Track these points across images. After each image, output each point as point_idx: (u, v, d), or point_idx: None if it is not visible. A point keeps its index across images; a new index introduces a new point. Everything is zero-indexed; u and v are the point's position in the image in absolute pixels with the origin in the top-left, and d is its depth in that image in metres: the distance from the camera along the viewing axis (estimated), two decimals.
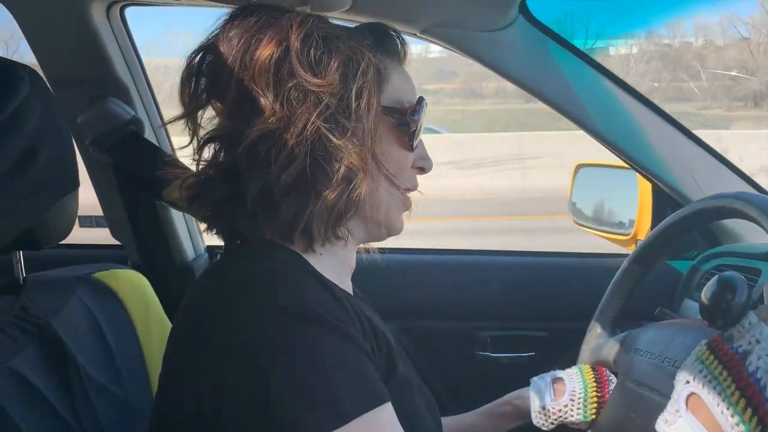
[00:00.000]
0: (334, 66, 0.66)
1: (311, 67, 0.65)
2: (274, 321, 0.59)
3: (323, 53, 0.66)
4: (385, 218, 0.75)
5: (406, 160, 0.75)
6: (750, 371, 0.58)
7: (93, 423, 0.82)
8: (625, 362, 0.92)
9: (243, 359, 0.59)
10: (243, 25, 0.67)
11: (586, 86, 1.26)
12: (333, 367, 0.59)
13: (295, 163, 0.65)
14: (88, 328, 0.89)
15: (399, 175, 0.74)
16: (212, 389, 0.60)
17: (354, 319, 0.65)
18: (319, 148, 0.65)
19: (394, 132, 0.73)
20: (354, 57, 0.68)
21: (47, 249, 0.86)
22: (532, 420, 0.97)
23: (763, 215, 0.78)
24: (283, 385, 0.57)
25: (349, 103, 0.66)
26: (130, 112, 1.29)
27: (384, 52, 0.74)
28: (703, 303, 0.66)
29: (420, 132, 0.76)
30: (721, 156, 1.30)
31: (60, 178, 0.83)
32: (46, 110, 0.79)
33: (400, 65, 0.78)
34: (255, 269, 0.65)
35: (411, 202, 0.79)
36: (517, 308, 1.51)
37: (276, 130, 0.65)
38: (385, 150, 0.72)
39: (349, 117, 0.66)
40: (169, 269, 1.43)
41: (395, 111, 0.73)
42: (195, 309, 0.67)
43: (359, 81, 0.67)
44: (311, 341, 0.59)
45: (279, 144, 0.65)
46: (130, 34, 1.33)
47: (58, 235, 0.86)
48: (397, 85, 0.74)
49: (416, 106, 0.74)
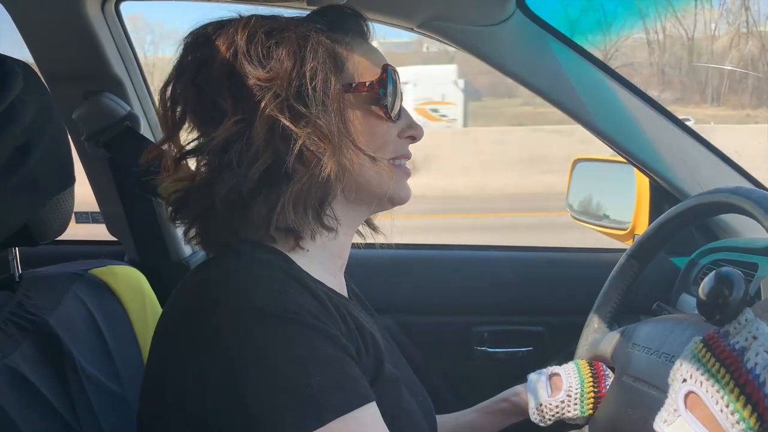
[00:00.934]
0: (282, 56, 0.67)
1: (260, 63, 0.67)
2: (250, 321, 0.60)
3: (270, 47, 0.68)
4: (381, 192, 0.75)
5: (389, 132, 0.75)
6: (748, 368, 0.58)
7: (90, 419, 0.82)
8: (622, 357, 0.92)
9: (222, 359, 0.59)
10: (197, 43, 0.70)
11: (584, 81, 1.25)
12: (312, 367, 0.59)
13: (260, 160, 0.66)
14: (85, 324, 0.88)
15: (383, 148, 0.74)
16: (193, 389, 0.60)
17: (336, 318, 0.65)
18: (283, 140, 0.66)
19: (370, 107, 0.73)
20: (301, 42, 0.68)
21: (43, 245, 0.86)
22: (530, 416, 0.97)
23: (760, 210, 0.78)
24: (262, 386, 0.57)
25: (305, 88, 0.67)
26: (125, 107, 1.29)
27: (341, 32, 0.74)
28: (701, 298, 0.66)
29: (398, 102, 0.75)
30: (718, 150, 1.30)
31: (55, 174, 0.83)
32: (41, 106, 0.78)
33: (364, 42, 0.78)
34: (233, 270, 0.65)
35: (407, 171, 0.79)
36: (514, 303, 1.51)
37: (239, 132, 0.66)
38: (361, 126, 0.72)
39: (308, 103, 0.67)
40: (165, 265, 1.43)
41: (360, 86, 0.72)
42: (175, 309, 0.68)
43: (310, 64, 0.67)
44: (289, 341, 0.59)
45: (244, 145, 0.66)
46: (125, 29, 1.32)
47: (54, 231, 0.86)
48: (361, 61, 0.74)
49: (383, 77, 0.73)
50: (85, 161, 1.37)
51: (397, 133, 0.76)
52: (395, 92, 0.74)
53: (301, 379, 0.58)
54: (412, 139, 0.79)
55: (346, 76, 0.72)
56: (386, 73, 0.74)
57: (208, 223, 0.71)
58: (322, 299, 0.65)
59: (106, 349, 0.90)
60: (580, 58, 1.24)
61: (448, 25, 1.18)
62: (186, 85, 0.70)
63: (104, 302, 0.93)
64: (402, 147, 0.77)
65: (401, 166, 0.78)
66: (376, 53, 0.77)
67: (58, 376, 0.81)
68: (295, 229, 0.69)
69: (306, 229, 0.70)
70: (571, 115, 1.26)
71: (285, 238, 0.70)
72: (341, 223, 0.73)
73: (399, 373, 0.76)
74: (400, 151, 0.77)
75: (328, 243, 0.75)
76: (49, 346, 0.81)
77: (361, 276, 0.92)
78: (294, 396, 0.57)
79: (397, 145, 0.76)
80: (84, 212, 1.57)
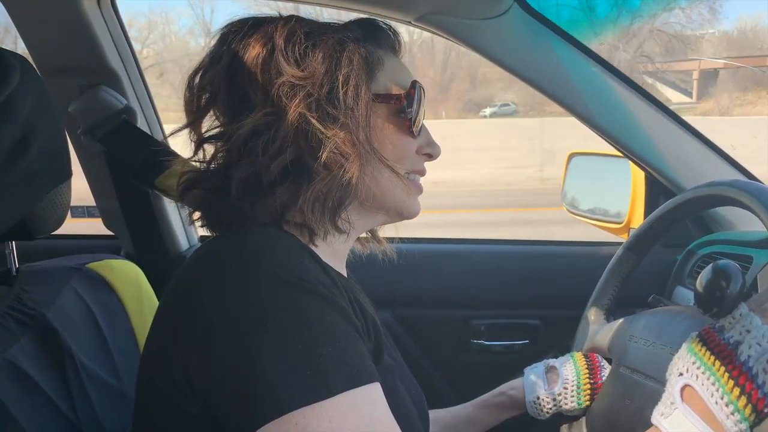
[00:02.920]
0: (318, 58, 0.69)
1: (296, 62, 0.69)
2: (263, 288, 0.59)
3: (307, 47, 0.69)
4: (393, 204, 0.76)
5: (408, 146, 0.76)
6: (742, 360, 0.59)
7: (89, 413, 0.82)
8: (619, 349, 0.93)
9: (229, 325, 0.58)
10: (233, 35, 0.72)
11: (580, 75, 1.25)
12: (323, 338, 0.58)
13: (284, 154, 0.67)
14: (83, 318, 0.88)
15: (401, 161, 0.75)
16: (197, 359, 0.60)
17: (345, 296, 0.66)
18: (308, 138, 0.68)
19: (393, 119, 0.75)
20: (338, 47, 0.70)
21: (40, 239, 0.86)
22: (527, 410, 0.97)
23: (756, 202, 0.78)
24: (270, 353, 0.56)
25: (336, 92, 0.68)
26: (122, 101, 1.28)
27: (374, 43, 0.76)
28: (698, 291, 0.67)
29: (420, 118, 0.77)
30: (713, 144, 1.31)
31: (52, 168, 0.83)
32: (38, 99, 0.78)
33: (394, 56, 0.80)
34: (245, 240, 0.65)
35: (420, 187, 0.80)
36: (511, 296, 1.51)
37: (266, 125, 0.68)
38: (383, 137, 0.74)
39: (338, 106, 0.68)
40: (162, 259, 1.43)
41: (389, 98, 0.74)
42: (183, 281, 0.68)
43: (344, 69, 0.69)
44: (301, 308, 0.59)
45: (269, 137, 0.67)
46: (121, 22, 1.31)
47: (50, 225, 0.86)
48: (391, 74, 0.76)
49: (411, 92, 0.75)
50: (81, 155, 1.36)
51: (416, 149, 0.78)
52: (419, 108, 0.76)
53: (311, 349, 0.57)
54: (429, 157, 0.81)
55: (377, 86, 0.74)
56: (414, 88, 0.76)
57: (217, 205, 0.71)
58: (333, 276, 0.66)
59: (104, 343, 0.90)
60: (577, 51, 1.24)
61: (445, 18, 1.17)
62: (218, 74, 0.72)
63: (102, 296, 0.93)
64: (418, 163, 0.79)
65: (415, 181, 0.80)
66: (406, 69, 0.80)
67: (56, 370, 0.81)
68: (310, 226, 0.70)
69: (320, 228, 0.71)
70: (567, 109, 1.26)
71: (300, 233, 0.71)
72: (353, 227, 0.74)
73: (395, 364, 0.76)
74: (416, 166, 0.79)
75: (336, 244, 0.76)
76: (47, 340, 0.81)
77: (359, 269, 0.92)
78: (303, 365, 0.56)
79: (414, 161, 0.78)
80: (80, 206, 1.56)
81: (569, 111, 1.27)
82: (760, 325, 0.60)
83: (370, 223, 0.80)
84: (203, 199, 0.73)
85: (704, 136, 1.31)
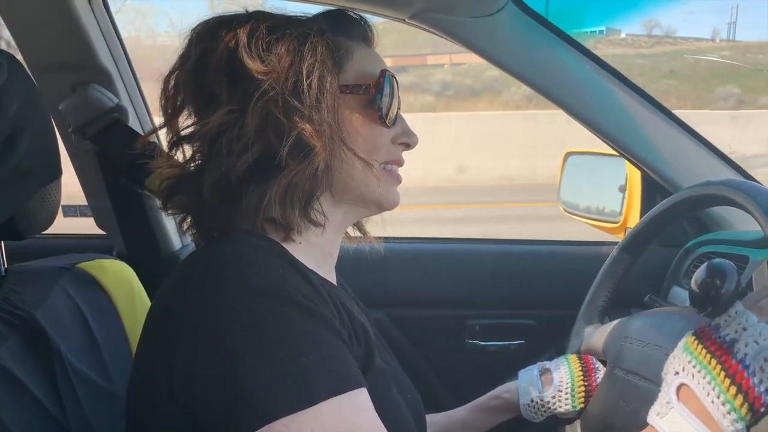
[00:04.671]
0: (281, 51, 0.69)
1: (260, 57, 0.68)
2: (243, 299, 0.60)
3: (270, 42, 0.69)
4: (369, 195, 0.76)
5: (382, 136, 0.76)
6: (738, 358, 0.58)
7: (78, 414, 0.81)
8: (614, 350, 0.92)
9: (212, 338, 0.59)
10: (200, 36, 0.72)
11: (576, 73, 1.25)
12: (304, 347, 0.59)
13: (249, 152, 0.67)
14: (73, 318, 0.88)
15: (375, 152, 0.75)
16: (181, 369, 0.60)
17: (329, 304, 0.65)
18: (274, 133, 0.67)
19: (365, 110, 0.74)
20: (301, 40, 0.70)
21: (30, 239, 0.85)
22: (521, 413, 0.97)
23: (752, 202, 0.78)
24: (252, 364, 0.57)
25: (301, 85, 0.68)
26: (113, 99, 1.27)
27: (343, 35, 0.75)
28: (693, 290, 0.66)
29: (394, 108, 0.77)
30: (709, 143, 1.31)
31: (41, 167, 0.82)
32: (26, 97, 0.77)
33: (366, 46, 0.79)
34: (227, 252, 0.65)
35: (398, 177, 0.80)
36: (506, 296, 1.51)
37: (231, 122, 0.68)
38: (354, 129, 0.73)
39: (303, 99, 0.68)
40: (154, 259, 1.42)
41: (357, 88, 0.73)
42: (168, 293, 0.68)
43: (308, 62, 0.69)
44: (282, 320, 0.59)
45: (235, 134, 0.67)
46: (112, 19, 1.30)
47: (40, 224, 0.85)
48: (361, 64, 0.75)
49: (380, 81, 0.74)
50: (72, 154, 1.35)
51: (390, 139, 0.77)
52: (392, 98, 0.76)
53: (292, 359, 0.58)
54: (406, 146, 0.80)
55: (345, 77, 0.73)
56: (384, 78, 0.75)
57: (200, 212, 0.72)
58: (315, 284, 0.65)
59: (94, 344, 0.89)
60: (572, 49, 1.23)
61: (439, 16, 1.17)
62: (187, 75, 0.72)
63: (92, 297, 0.92)
64: (395, 153, 0.78)
65: (392, 171, 0.79)
66: (378, 59, 0.79)
67: (45, 372, 0.80)
68: (284, 220, 0.70)
69: (293, 222, 0.71)
70: (563, 107, 1.26)
71: (275, 230, 0.71)
72: (329, 220, 0.74)
73: (387, 368, 0.76)
74: (392, 156, 0.78)
75: (317, 239, 0.75)
76: (36, 342, 0.80)
77: (352, 269, 0.91)
78: (285, 374, 0.57)
79: (390, 150, 0.77)
80: (72, 205, 1.55)
81: (564, 109, 1.26)
82: (756, 322, 0.60)
83: (350, 215, 0.80)
84: (187, 204, 0.73)
85: (700, 135, 1.31)
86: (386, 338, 0.89)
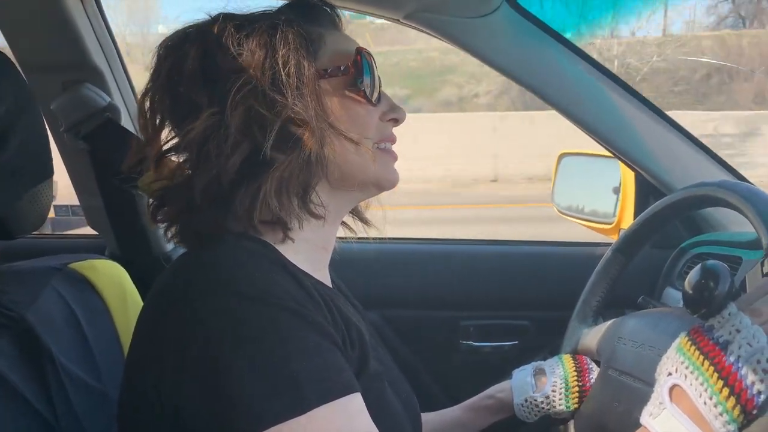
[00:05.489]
0: (253, 46, 0.68)
1: (232, 55, 0.67)
2: (233, 305, 0.59)
3: (240, 39, 0.68)
4: (366, 177, 0.74)
5: (370, 115, 0.75)
6: (731, 360, 0.58)
7: (70, 416, 0.81)
8: (607, 351, 0.92)
9: (201, 344, 0.58)
10: (169, 48, 0.71)
11: (570, 74, 1.25)
12: (296, 353, 0.58)
13: (238, 151, 0.66)
14: (64, 319, 0.87)
15: (366, 132, 0.74)
16: (171, 376, 0.59)
17: (322, 307, 0.64)
18: (260, 128, 0.66)
19: (348, 91, 0.73)
20: (271, 32, 0.69)
21: (21, 239, 0.84)
22: (515, 413, 0.96)
23: (746, 203, 0.78)
24: (242, 371, 0.56)
25: (279, 75, 0.67)
26: (105, 98, 1.26)
27: (312, 22, 0.74)
28: (687, 291, 0.66)
29: (377, 85, 0.76)
30: (703, 145, 1.31)
31: (32, 166, 0.81)
32: (17, 95, 0.77)
33: (336, 30, 0.78)
34: (217, 255, 0.64)
35: (393, 154, 0.79)
36: (500, 297, 1.51)
37: (215, 125, 0.66)
38: (340, 111, 0.72)
39: (283, 90, 0.67)
40: (147, 259, 1.41)
41: (336, 71, 0.72)
42: (157, 296, 0.67)
43: (282, 51, 0.68)
44: (272, 326, 0.58)
45: (222, 136, 0.66)
46: (104, 18, 1.29)
47: (31, 224, 0.84)
48: (334, 48, 0.74)
49: (358, 59, 0.73)
50: (64, 153, 1.34)
51: (378, 117, 0.76)
52: (372, 75, 0.75)
53: (283, 365, 0.57)
54: (395, 122, 0.79)
55: (321, 63, 0.72)
56: (360, 55, 0.74)
57: (190, 219, 0.70)
58: (308, 288, 0.64)
59: (86, 345, 0.88)
60: (566, 51, 1.23)
61: (434, 16, 1.17)
62: (161, 90, 0.71)
63: (84, 297, 0.91)
64: (385, 130, 0.77)
65: (387, 149, 0.78)
66: (350, 40, 0.78)
67: (36, 373, 0.79)
68: (282, 219, 0.69)
69: (292, 217, 0.70)
70: (557, 108, 1.26)
71: (273, 231, 0.70)
72: (328, 210, 0.73)
73: (383, 369, 0.75)
74: (383, 134, 0.77)
75: (313, 234, 0.74)
76: (26, 343, 0.79)
77: (346, 270, 0.91)
78: (276, 382, 0.56)
79: (380, 129, 0.76)
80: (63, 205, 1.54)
81: (558, 110, 1.26)
82: (750, 324, 0.60)
83: (347, 202, 0.79)
84: (176, 213, 0.72)
85: (694, 137, 1.31)
86: (381, 339, 0.89)
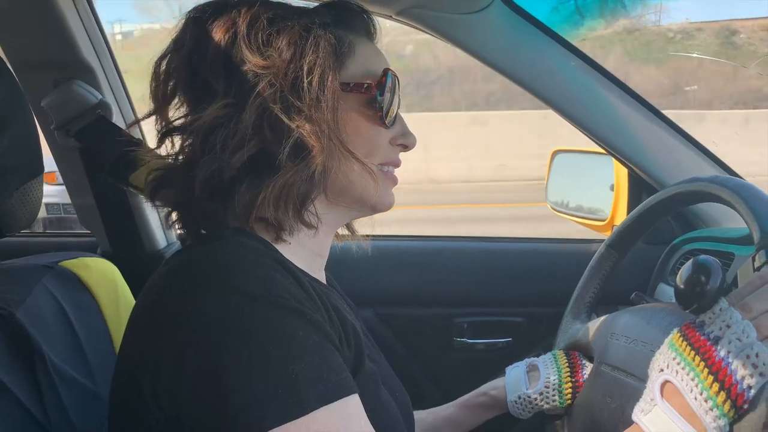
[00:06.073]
0: (282, 45, 0.66)
1: (259, 50, 0.66)
2: (231, 303, 0.58)
3: (270, 34, 0.66)
4: (364, 197, 0.74)
5: (380, 137, 0.74)
6: (722, 356, 0.59)
7: (61, 416, 0.80)
8: (600, 346, 0.92)
9: (200, 343, 0.57)
10: (198, 20, 0.69)
11: (563, 71, 1.25)
12: (296, 353, 0.57)
13: (244, 148, 0.65)
14: (55, 318, 0.86)
15: (373, 153, 0.73)
16: (168, 377, 0.58)
17: (320, 306, 0.64)
18: (271, 130, 0.65)
19: (365, 110, 0.72)
20: (303, 34, 0.67)
21: (11, 237, 0.84)
22: (509, 409, 0.97)
23: (738, 198, 0.78)
24: (241, 371, 0.55)
25: (301, 82, 0.66)
26: (96, 95, 1.25)
27: (346, 28, 0.73)
28: (679, 287, 0.66)
29: (394, 108, 0.74)
30: (695, 140, 1.31)
31: (23, 163, 0.81)
32: (7, 93, 0.76)
33: (368, 41, 0.76)
34: (215, 253, 0.63)
35: (394, 178, 0.78)
36: (493, 294, 1.51)
37: (227, 116, 0.65)
38: (353, 129, 0.71)
39: (302, 97, 0.66)
40: (139, 257, 1.40)
41: (359, 87, 0.71)
42: (153, 295, 0.65)
43: (309, 57, 0.66)
44: (272, 325, 0.58)
45: (231, 130, 0.65)
46: (96, 15, 1.28)
47: (21, 222, 0.83)
48: (363, 61, 0.73)
49: (382, 80, 0.72)
50: (55, 151, 1.33)
51: (389, 140, 0.75)
52: (393, 98, 0.73)
53: (283, 366, 0.56)
54: (404, 148, 0.78)
55: (346, 75, 0.70)
56: (386, 77, 0.72)
57: (188, 208, 0.70)
58: (306, 286, 0.64)
59: (77, 344, 0.87)
60: (559, 47, 1.23)
61: (426, 12, 1.16)
62: (181, 61, 0.69)
63: (76, 295, 0.91)
64: (392, 154, 0.77)
65: (389, 173, 0.77)
66: (380, 56, 0.76)
67: (26, 371, 0.78)
68: (277, 221, 0.68)
69: (285, 224, 0.69)
70: (550, 105, 1.26)
71: (266, 230, 0.69)
72: (322, 222, 0.72)
73: (377, 367, 0.75)
74: (389, 158, 0.76)
75: (307, 240, 0.74)
76: (17, 341, 0.79)
77: (340, 267, 0.91)
78: (276, 383, 0.55)
79: (387, 152, 0.75)
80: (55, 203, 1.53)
81: (551, 107, 1.26)
82: (740, 320, 0.60)
83: (343, 217, 0.78)
84: (175, 200, 0.71)
85: (686, 133, 1.31)
86: (374, 336, 0.89)
